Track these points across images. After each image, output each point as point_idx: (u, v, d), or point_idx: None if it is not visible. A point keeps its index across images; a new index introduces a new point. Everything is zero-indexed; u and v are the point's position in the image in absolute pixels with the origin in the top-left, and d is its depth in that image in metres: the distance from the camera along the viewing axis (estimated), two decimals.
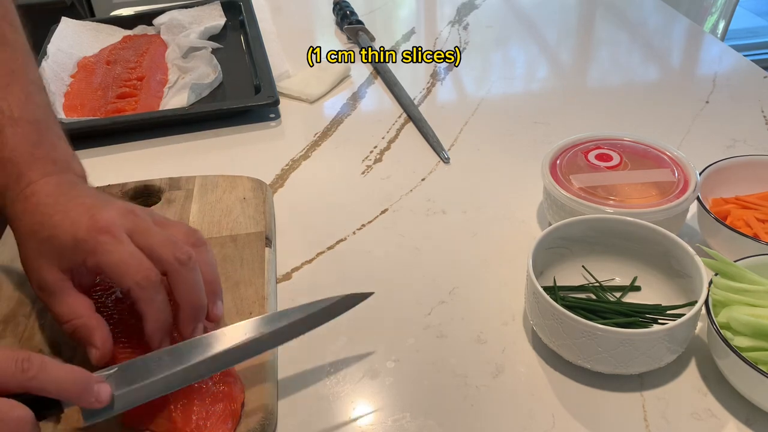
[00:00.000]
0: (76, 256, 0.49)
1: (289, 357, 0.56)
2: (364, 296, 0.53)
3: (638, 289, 0.60)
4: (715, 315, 0.51)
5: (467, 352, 0.56)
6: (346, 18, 1.14)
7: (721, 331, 0.50)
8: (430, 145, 0.84)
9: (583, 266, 0.61)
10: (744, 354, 0.48)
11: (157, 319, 0.49)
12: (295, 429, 0.50)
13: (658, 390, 0.52)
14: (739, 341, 0.50)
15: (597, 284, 0.60)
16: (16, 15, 0.60)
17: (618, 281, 0.61)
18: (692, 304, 0.52)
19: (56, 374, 0.42)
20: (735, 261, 0.54)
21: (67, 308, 0.49)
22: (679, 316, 0.51)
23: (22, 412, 0.40)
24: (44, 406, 0.42)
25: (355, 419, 0.51)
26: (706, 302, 0.52)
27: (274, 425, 0.50)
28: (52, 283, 0.49)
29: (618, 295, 0.59)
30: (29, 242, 0.50)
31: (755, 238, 0.59)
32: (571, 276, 0.61)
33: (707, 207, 0.63)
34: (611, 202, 0.63)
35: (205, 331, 0.51)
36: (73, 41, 1.07)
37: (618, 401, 0.52)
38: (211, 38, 1.11)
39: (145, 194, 0.72)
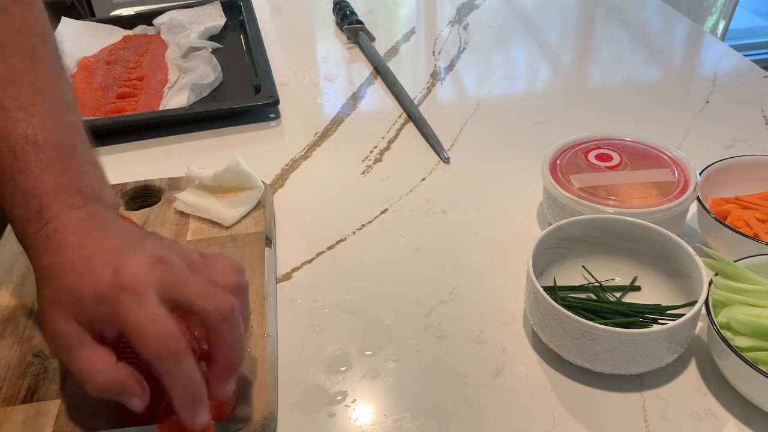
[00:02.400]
0: (97, 312, 0.42)
1: (289, 357, 0.56)
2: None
3: (638, 289, 0.60)
4: (715, 315, 0.51)
5: (467, 352, 0.56)
6: (346, 18, 1.14)
7: (721, 331, 0.50)
8: (430, 145, 0.84)
9: (583, 266, 0.61)
10: (744, 354, 0.48)
11: (184, 393, 0.42)
12: (295, 429, 0.50)
13: (658, 390, 0.52)
14: (740, 341, 0.50)
15: (597, 284, 0.60)
16: (48, 25, 0.54)
17: (618, 281, 0.61)
18: (692, 304, 0.52)
19: None
20: (735, 261, 0.54)
21: (88, 363, 0.42)
22: (680, 316, 0.51)
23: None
24: None
25: (355, 419, 0.51)
26: (706, 302, 0.52)
27: (274, 425, 0.50)
28: (68, 337, 0.43)
29: (618, 295, 0.59)
30: (47, 286, 0.44)
31: (755, 238, 0.59)
32: (571, 276, 0.61)
33: (707, 207, 0.63)
34: (611, 202, 0.63)
35: None
36: (73, 41, 1.07)
37: (618, 401, 0.52)
38: (211, 38, 1.11)
39: (145, 194, 0.72)
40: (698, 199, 0.63)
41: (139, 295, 0.41)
